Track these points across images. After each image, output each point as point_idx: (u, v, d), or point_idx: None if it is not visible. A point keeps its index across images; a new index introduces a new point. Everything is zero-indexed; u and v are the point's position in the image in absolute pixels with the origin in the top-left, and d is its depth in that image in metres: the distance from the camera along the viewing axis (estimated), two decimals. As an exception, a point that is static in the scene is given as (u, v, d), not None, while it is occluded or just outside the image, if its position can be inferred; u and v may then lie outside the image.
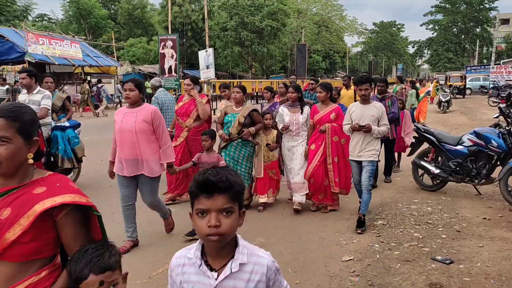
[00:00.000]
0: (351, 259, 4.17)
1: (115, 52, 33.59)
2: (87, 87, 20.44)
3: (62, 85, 24.48)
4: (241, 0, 37.93)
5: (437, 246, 4.47)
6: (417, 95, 13.65)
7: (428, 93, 16.44)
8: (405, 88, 14.02)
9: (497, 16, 51.93)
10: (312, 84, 8.64)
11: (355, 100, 14.88)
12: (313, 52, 55.33)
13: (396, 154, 7.90)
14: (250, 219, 5.23)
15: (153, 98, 6.79)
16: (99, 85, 21.25)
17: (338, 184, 5.54)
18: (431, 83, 24.11)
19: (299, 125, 5.65)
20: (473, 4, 59.95)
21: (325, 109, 5.54)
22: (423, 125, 7.19)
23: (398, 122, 6.89)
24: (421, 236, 4.76)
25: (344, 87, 8.89)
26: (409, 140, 7.35)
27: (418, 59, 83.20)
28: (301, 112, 5.68)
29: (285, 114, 5.70)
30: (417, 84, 17.62)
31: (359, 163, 4.99)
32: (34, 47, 19.75)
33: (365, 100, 5.01)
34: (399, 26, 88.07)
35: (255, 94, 24.19)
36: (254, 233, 4.82)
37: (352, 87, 8.10)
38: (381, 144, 5.88)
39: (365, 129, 4.77)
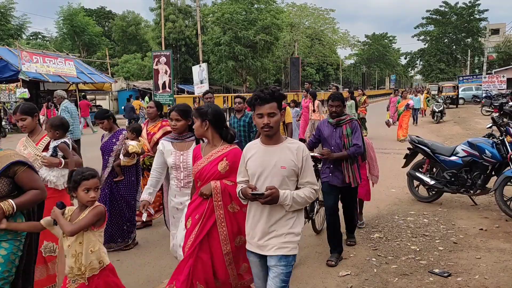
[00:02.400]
0: (348, 274, 4.13)
1: (109, 68, 33.66)
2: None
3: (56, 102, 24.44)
4: (235, 15, 38.26)
5: (434, 259, 4.44)
6: (356, 107, 12.42)
7: (407, 106, 14.92)
8: (359, 103, 13.61)
9: (487, 27, 52.66)
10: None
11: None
12: (306, 64, 55.77)
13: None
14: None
15: (62, 107, 7.84)
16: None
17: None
18: (421, 94, 23.23)
19: (189, 169, 3.54)
20: (464, 15, 60.85)
21: (211, 153, 3.11)
22: (417, 137, 7.19)
23: (364, 158, 4.91)
24: (418, 249, 4.73)
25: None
26: (376, 179, 5.57)
27: (411, 70, 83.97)
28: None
29: (167, 152, 3.64)
30: (398, 97, 16.89)
31: (263, 258, 2.66)
32: (28, 65, 19.78)
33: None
34: (390, 38, 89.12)
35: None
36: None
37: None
38: (338, 195, 4.57)
39: (264, 200, 2.47)
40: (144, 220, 4.52)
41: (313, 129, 10.49)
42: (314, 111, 11.37)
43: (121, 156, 4.78)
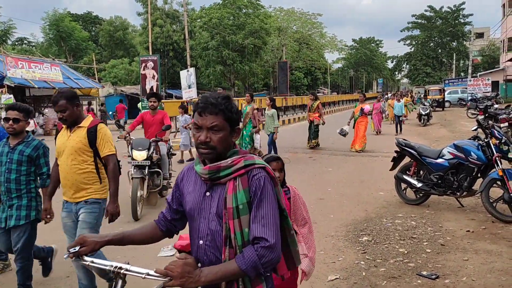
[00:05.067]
0: (337, 278, 4.12)
1: (96, 73, 33.40)
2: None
3: (43, 108, 24.16)
4: (223, 19, 38.28)
5: (422, 261, 4.46)
6: (278, 116, 11.24)
7: (362, 111, 12.83)
8: (311, 108, 12.87)
9: (472, 31, 53.53)
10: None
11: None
12: (294, 69, 55.97)
13: None
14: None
15: None
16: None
17: None
18: (400, 98, 19.47)
19: None
20: (449, 20, 61.77)
21: None
22: (404, 139, 7.24)
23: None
24: (406, 251, 4.75)
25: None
26: (310, 265, 3.14)
27: (398, 74, 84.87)
28: None
29: None
30: (382, 103, 16.24)
31: None
32: (13, 71, 19.52)
33: None
34: (377, 42, 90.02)
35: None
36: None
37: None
38: None
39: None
40: None
41: None
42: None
43: None
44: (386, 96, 18.59)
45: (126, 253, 4.76)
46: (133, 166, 6.35)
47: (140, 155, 6.35)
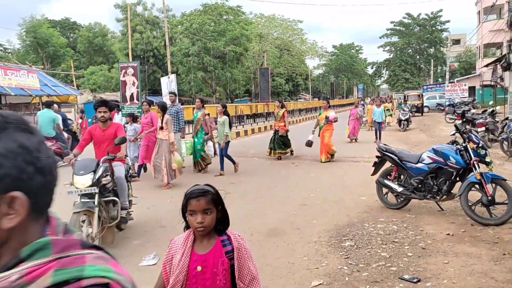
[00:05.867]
0: (320, 284, 4.12)
1: (74, 80, 32.91)
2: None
3: (19, 116, 23.61)
4: (204, 25, 38.21)
5: (404, 265, 4.50)
6: (230, 125, 10.12)
7: (327, 119, 12.01)
8: (277, 117, 12.03)
9: (449, 37, 54.78)
10: None
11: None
12: (276, 75, 56.25)
13: None
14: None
15: None
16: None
17: None
18: (379, 104, 18.09)
19: None
20: (426, 26, 63.23)
21: None
22: (385, 144, 7.33)
23: None
24: (388, 256, 4.78)
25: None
26: None
27: (377, 80, 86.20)
28: None
29: None
30: (359, 108, 15.62)
31: None
32: (-12, 78, 19.08)
33: None
34: (357, 48, 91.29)
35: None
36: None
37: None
38: None
39: None
40: None
41: (163, 152, 8.77)
42: (162, 128, 8.85)
43: None
44: (362, 102, 18.24)
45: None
46: (79, 196, 4.80)
47: (82, 181, 4.81)
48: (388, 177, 6.90)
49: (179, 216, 2.12)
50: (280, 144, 12.55)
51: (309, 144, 12.31)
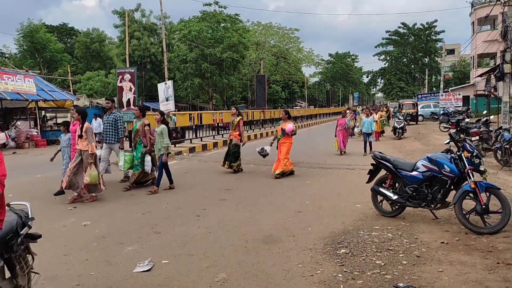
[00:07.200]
0: (315, 291, 4.12)
1: (71, 85, 32.87)
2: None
3: (15, 121, 23.56)
4: (201, 32, 38.32)
5: (398, 273, 4.51)
6: (169, 133, 9.45)
7: (284, 131, 10.95)
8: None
9: (443, 47, 55.30)
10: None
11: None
12: (272, 82, 56.48)
13: None
14: (213, 254, 5.10)
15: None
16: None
17: None
18: (370, 114, 16.75)
19: None
20: (421, 36, 63.75)
21: None
22: (380, 152, 7.36)
23: None
24: (383, 264, 4.79)
25: None
26: None
27: (373, 88, 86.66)
28: None
29: None
30: (347, 118, 14.96)
31: None
32: (-16, 82, 19.04)
33: None
34: (353, 56, 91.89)
35: (216, 125, 24.13)
36: (216, 269, 4.69)
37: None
38: None
39: None
40: None
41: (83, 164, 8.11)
42: (81, 136, 8.07)
43: None
44: (349, 111, 17.62)
45: (101, 269, 4.65)
46: None
47: None
48: (383, 184, 6.93)
49: (174, 221, 2.14)
50: (235, 155, 11.59)
51: (263, 154, 11.52)
